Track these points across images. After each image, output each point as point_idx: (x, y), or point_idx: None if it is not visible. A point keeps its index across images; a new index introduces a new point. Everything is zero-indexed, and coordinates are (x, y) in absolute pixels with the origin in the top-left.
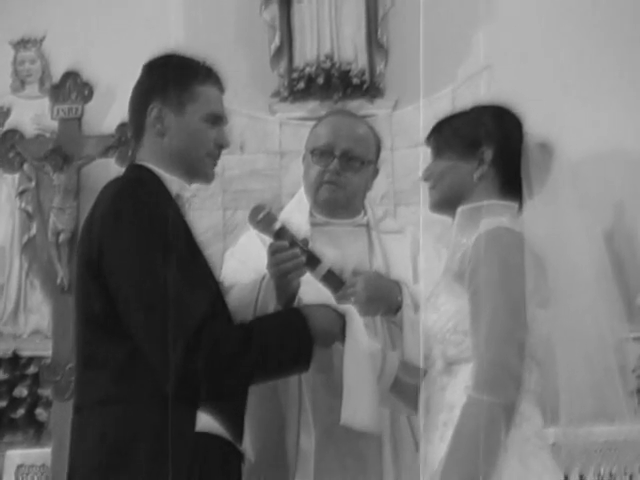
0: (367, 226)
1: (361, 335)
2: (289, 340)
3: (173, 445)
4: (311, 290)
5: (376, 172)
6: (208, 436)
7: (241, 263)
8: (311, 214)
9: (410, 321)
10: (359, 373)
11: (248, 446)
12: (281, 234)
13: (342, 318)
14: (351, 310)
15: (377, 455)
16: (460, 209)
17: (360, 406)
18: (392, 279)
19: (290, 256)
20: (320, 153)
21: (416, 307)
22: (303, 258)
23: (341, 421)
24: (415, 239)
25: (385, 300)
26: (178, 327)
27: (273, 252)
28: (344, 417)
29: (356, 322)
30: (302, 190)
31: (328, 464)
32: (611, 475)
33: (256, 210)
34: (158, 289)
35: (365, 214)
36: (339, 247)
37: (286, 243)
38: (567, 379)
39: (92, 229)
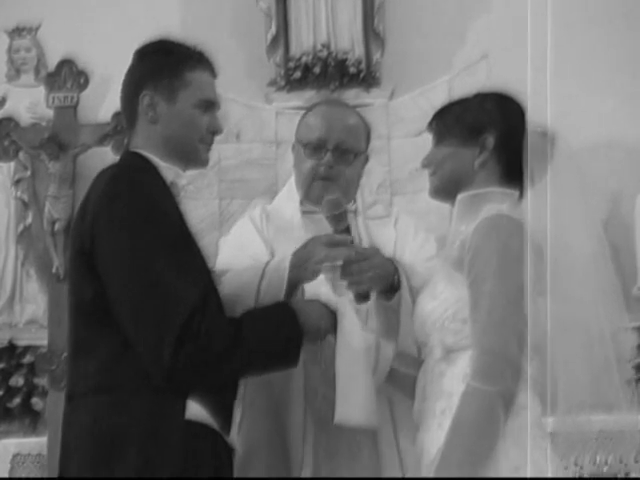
0: (355, 212)
1: (354, 329)
2: (279, 335)
3: (162, 434)
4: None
5: (366, 160)
6: (198, 425)
7: (236, 250)
8: (301, 203)
9: (407, 304)
10: (352, 370)
11: (236, 437)
12: (342, 232)
13: (333, 314)
14: (342, 305)
15: (372, 446)
16: (460, 196)
17: (354, 404)
18: (387, 257)
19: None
20: (313, 146)
21: (411, 289)
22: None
23: (334, 421)
24: (399, 221)
25: (381, 278)
26: (167, 318)
27: (338, 243)
28: (337, 417)
29: (348, 317)
30: (293, 179)
31: (323, 454)
32: (607, 464)
33: (334, 203)
34: (148, 278)
35: (355, 202)
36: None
37: (352, 238)
38: (565, 368)
39: (85, 217)
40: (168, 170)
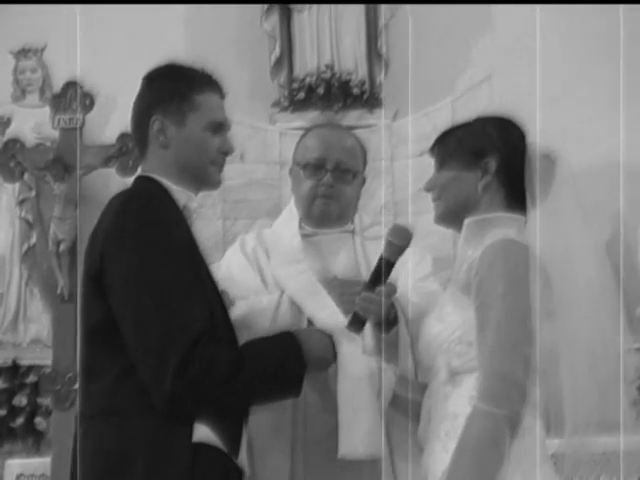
0: (352, 233)
1: (354, 356)
2: (282, 364)
3: (168, 458)
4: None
5: (363, 181)
6: (206, 447)
7: (225, 280)
8: (300, 226)
9: (405, 340)
10: (356, 399)
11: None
12: (388, 266)
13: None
14: (341, 333)
15: (369, 470)
16: (467, 221)
17: (359, 435)
18: None
19: (385, 304)
20: (312, 167)
21: (407, 323)
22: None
23: (339, 455)
24: None
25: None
26: (170, 344)
27: (383, 294)
28: (342, 452)
29: (347, 345)
30: (292, 202)
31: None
32: None
33: (404, 234)
34: (154, 304)
35: (352, 222)
36: (326, 254)
37: (395, 288)
38: (570, 390)
39: (95, 242)
40: (180, 194)
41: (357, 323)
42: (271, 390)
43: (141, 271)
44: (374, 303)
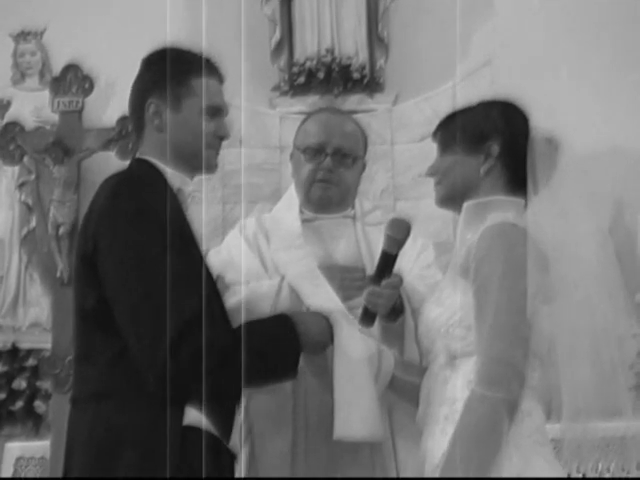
0: (353, 218)
1: (353, 338)
2: (276, 346)
3: (160, 440)
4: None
5: (364, 167)
6: (198, 430)
7: (226, 264)
8: (301, 211)
9: (411, 329)
10: (353, 381)
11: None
12: (391, 259)
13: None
14: (339, 315)
15: (370, 456)
16: (466, 205)
17: (353, 417)
18: None
19: (392, 296)
20: (312, 151)
21: (412, 312)
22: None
23: (334, 436)
24: None
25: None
26: (163, 326)
27: (389, 286)
28: (337, 432)
29: (345, 327)
30: (292, 187)
31: (319, 465)
32: (609, 471)
33: (403, 226)
34: (147, 286)
35: (353, 208)
36: (326, 240)
37: (401, 278)
38: (569, 375)
39: (89, 224)
40: (175, 177)
41: (368, 318)
42: (266, 372)
43: (133, 253)
44: (382, 297)
